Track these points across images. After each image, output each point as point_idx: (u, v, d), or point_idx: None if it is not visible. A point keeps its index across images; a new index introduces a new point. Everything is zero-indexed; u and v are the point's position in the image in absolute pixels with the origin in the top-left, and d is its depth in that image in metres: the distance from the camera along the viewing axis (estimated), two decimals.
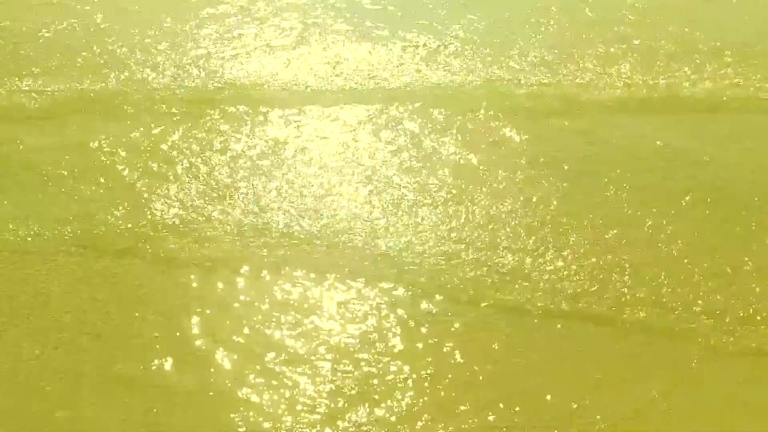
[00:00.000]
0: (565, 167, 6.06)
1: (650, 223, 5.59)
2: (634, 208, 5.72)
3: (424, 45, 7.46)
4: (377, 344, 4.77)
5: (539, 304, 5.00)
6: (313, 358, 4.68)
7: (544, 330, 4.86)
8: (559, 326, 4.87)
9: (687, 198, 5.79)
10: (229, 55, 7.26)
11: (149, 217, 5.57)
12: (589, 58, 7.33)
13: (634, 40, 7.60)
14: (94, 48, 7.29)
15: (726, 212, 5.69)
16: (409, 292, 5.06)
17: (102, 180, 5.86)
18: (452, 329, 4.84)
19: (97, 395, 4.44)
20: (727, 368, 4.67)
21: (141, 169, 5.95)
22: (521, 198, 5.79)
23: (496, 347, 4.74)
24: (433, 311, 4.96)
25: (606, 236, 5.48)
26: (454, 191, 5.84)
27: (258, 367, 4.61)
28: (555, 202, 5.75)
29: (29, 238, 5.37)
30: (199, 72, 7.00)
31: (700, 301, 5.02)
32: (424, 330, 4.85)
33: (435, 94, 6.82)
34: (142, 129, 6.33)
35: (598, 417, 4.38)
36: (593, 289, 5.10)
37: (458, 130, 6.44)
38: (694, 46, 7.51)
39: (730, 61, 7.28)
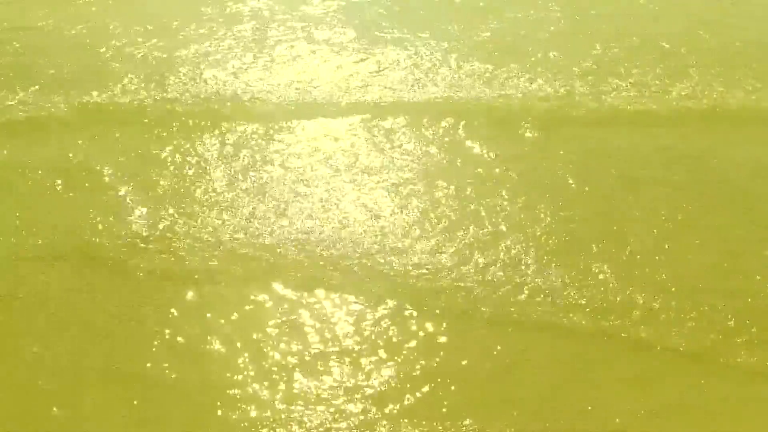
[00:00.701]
0: (567, 169, 6.07)
1: (654, 225, 5.59)
2: (637, 210, 5.71)
3: (430, 52, 7.47)
4: (375, 347, 4.77)
5: (540, 309, 4.98)
6: (309, 358, 4.68)
7: (545, 332, 4.84)
8: (560, 331, 4.85)
9: (690, 199, 5.78)
10: (230, 65, 7.30)
11: (149, 220, 5.60)
12: (595, 61, 7.33)
13: (637, 40, 7.61)
14: (89, 58, 7.35)
15: (729, 213, 5.68)
16: (410, 298, 5.06)
17: (101, 188, 5.90)
18: (453, 333, 4.84)
19: (96, 394, 4.45)
20: (730, 369, 4.64)
21: (143, 176, 6.00)
22: (525, 203, 5.77)
23: (497, 351, 4.74)
24: (434, 314, 4.95)
25: (608, 240, 5.47)
26: (458, 196, 5.85)
27: (256, 366, 4.62)
28: (559, 207, 5.73)
29: (27, 244, 5.41)
30: (199, 83, 7.03)
31: (704, 305, 5.01)
32: (424, 334, 4.85)
33: (439, 102, 6.83)
34: (138, 139, 6.38)
35: (600, 419, 4.38)
36: (595, 293, 5.09)
37: (462, 136, 6.44)
38: (699, 47, 7.52)
39: (733, 63, 7.28)
